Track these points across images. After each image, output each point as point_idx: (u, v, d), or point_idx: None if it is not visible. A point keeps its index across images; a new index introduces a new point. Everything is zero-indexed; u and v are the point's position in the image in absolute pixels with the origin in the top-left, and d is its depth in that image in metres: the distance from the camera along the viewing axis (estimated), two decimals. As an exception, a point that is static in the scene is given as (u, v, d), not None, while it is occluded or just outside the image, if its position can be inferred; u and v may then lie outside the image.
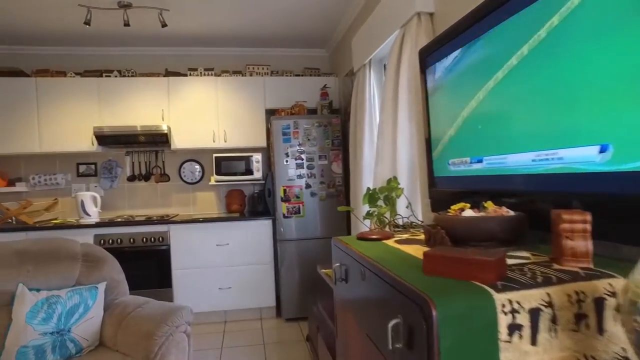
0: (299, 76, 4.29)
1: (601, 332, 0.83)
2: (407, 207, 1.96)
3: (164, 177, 4.29)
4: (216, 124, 4.02)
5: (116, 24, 3.46)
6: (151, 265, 3.65)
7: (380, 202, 2.31)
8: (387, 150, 2.42)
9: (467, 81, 1.52)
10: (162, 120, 3.95)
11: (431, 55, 1.82)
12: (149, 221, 3.69)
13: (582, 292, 0.83)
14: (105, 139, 3.76)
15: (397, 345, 0.89)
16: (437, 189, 1.89)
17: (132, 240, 3.61)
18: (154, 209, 4.30)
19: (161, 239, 3.65)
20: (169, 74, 4.09)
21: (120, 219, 3.77)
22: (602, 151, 0.99)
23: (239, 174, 4.00)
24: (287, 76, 4.27)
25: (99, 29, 3.67)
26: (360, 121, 3.03)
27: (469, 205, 1.29)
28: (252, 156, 4.01)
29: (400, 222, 2.04)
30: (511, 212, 1.16)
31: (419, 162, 2.10)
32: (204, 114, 4.01)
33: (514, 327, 0.79)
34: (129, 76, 4.05)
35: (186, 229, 3.69)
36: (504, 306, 0.79)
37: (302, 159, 3.74)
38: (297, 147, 3.73)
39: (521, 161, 1.28)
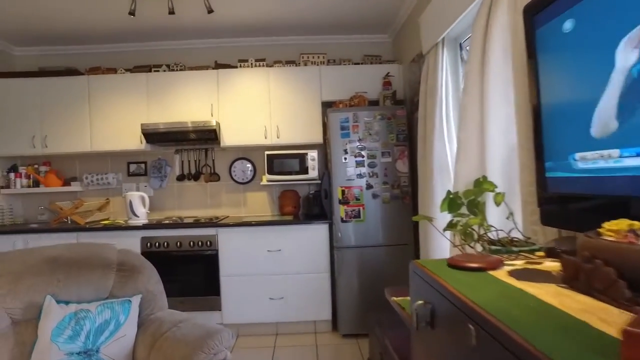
0: (358, 64, 3.86)
1: None
2: (508, 217, 1.48)
3: (214, 177, 4.05)
4: (268, 119, 3.70)
5: (162, 14, 3.23)
6: (198, 271, 3.40)
7: (463, 209, 1.84)
8: (472, 142, 1.93)
9: (611, 34, 1.01)
10: (211, 115, 3.69)
11: (545, 10, 1.32)
12: (197, 224, 3.44)
13: None
14: (153, 136, 3.57)
15: None
16: (551, 194, 1.38)
17: (179, 243, 3.39)
18: (204, 210, 4.07)
19: (209, 243, 3.39)
20: (218, 66, 3.83)
21: (168, 221, 3.56)
22: None
23: (293, 173, 3.65)
24: (345, 65, 3.86)
25: (145, 22, 3.50)
26: (431, 111, 2.54)
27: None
28: (307, 153, 3.65)
29: (493, 236, 1.57)
30: None
31: (520, 158, 1.60)
32: (255, 108, 3.71)
33: None
34: (177, 70, 3.85)
35: (235, 232, 3.40)
36: None
37: (363, 156, 3.30)
38: (357, 143, 3.31)
39: None
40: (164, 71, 3.80)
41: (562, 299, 0.76)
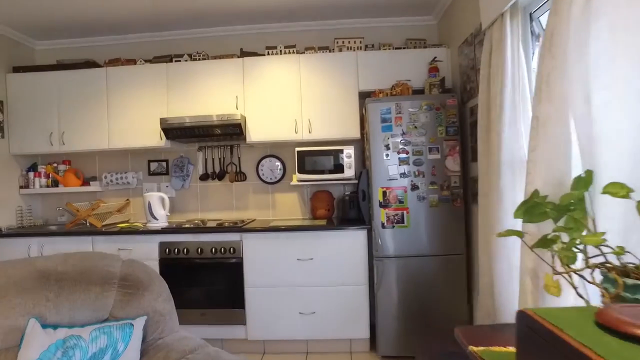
0: (399, 49, 3.41)
1: None
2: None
3: (240, 176, 3.70)
4: (299, 112, 3.32)
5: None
6: (221, 280, 3.05)
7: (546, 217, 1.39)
8: (558, 122, 1.46)
9: None
10: (236, 108, 3.35)
11: None
12: (219, 228, 3.10)
13: None
14: (172, 131, 3.25)
15: None
16: None
17: (199, 250, 3.05)
18: (228, 213, 3.74)
19: (232, 250, 3.03)
20: (243, 54, 3.48)
21: (189, 224, 3.23)
22: None
23: (327, 171, 3.24)
24: (385, 50, 3.42)
25: (167, 9, 3.21)
26: (496, 96, 2.07)
27: None
28: (342, 150, 3.23)
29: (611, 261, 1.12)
30: None
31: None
32: (284, 100, 3.33)
33: None
34: (200, 59, 3.53)
35: (262, 238, 3.03)
36: None
37: (407, 153, 2.86)
38: (401, 137, 2.87)
39: None
40: (186, 61, 3.49)
41: None
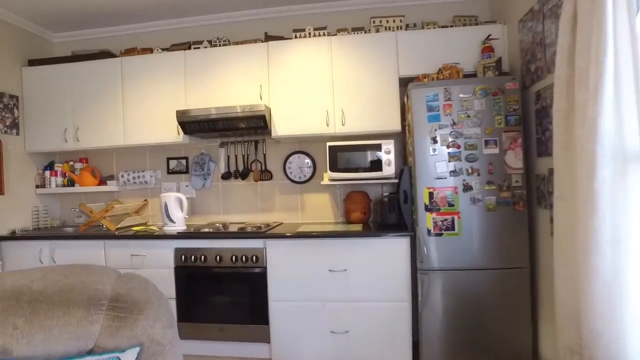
0: (446, 27, 2.95)
1: None
2: None
3: (265, 175, 3.35)
4: (330, 102, 2.93)
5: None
6: (242, 292, 2.71)
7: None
8: None
9: None
10: (260, 99, 2.99)
11: None
12: (240, 233, 2.75)
13: None
14: (189, 125, 2.93)
15: None
16: None
17: (218, 257, 2.71)
18: (253, 215, 3.39)
19: (255, 259, 2.68)
20: (268, 38, 3.12)
21: (208, 228, 2.90)
22: None
23: (362, 169, 2.84)
24: (429, 29, 2.97)
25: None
26: (586, 70, 1.59)
27: None
28: (380, 145, 2.82)
29: None
30: None
31: None
32: (314, 89, 2.95)
33: None
34: (220, 45, 3.19)
35: (288, 245, 2.66)
36: None
37: (458, 147, 2.41)
38: (450, 129, 2.42)
39: None
40: (205, 47, 3.16)
41: None
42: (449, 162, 2.41)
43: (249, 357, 2.74)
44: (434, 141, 2.43)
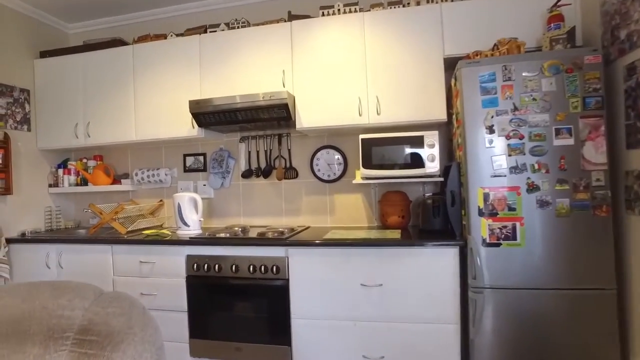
0: (501, -3, 2.49)
1: None
2: None
3: (290, 172, 2.99)
4: (363, 87, 2.53)
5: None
6: (261, 307, 2.36)
7: None
8: None
9: None
10: (283, 86, 2.64)
11: None
12: (258, 240, 2.39)
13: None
14: (203, 117, 2.61)
15: None
16: None
17: (234, 267, 2.38)
18: (277, 218, 3.04)
19: (275, 269, 2.32)
20: (292, 17, 2.75)
21: (225, 233, 2.56)
22: None
23: (401, 166, 2.42)
24: (480, -1, 2.52)
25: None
26: None
27: None
28: (422, 137, 2.39)
29: None
30: None
31: None
32: (344, 73, 2.56)
33: None
34: (239, 27, 2.86)
35: (313, 255, 2.29)
36: None
37: (521, 137, 1.95)
38: (511, 115, 1.97)
39: None
40: (222, 30, 2.84)
41: None
42: (509, 156, 1.96)
43: (268, 381, 2.39)
44: (490, 131, 1.98)
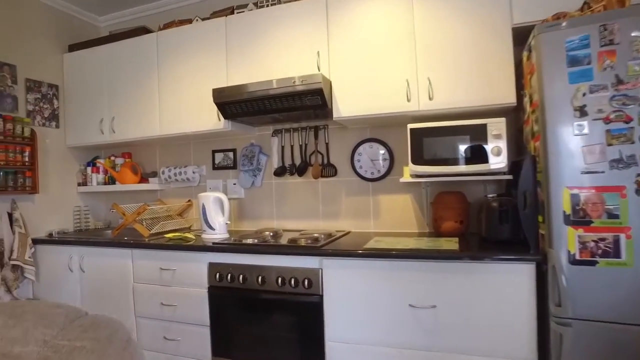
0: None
1: None
2: None
3: (328, 170, 2.64)
4: (412, 68, 2.12)
5: None
6: (291, 326, 2.02)
7: None
8: None
9: None
10: (318, 69, 2.29)
11: None
12: (287, 248, 2.04)
13: None
14: (229, 107, 2.31)
15: None
16: None
17: (260, 279, 2.06)
18: (313, 222, 2.70)
19: (307, 283, 1.98)
20: (329, -10, 2.40)
21: (252, 239, 2.24)
22: None
23: (459, 161, 1.99)
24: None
25: None
26: None
27: None
28: (485, 125, 1.95)
29: None
30: None
31: None
32: (389, 52, 2.17)
33: None
34: (268, 5, 2.54)
35: (352, 267, 1.92)
36: None
37: (629, 120, 1.47)
38: (612, 91, 1.48)
39: None
40: (250, 10, 2.54)
41: None
42: (610, 145, 1.48)
43: (299, 413, 2.05)
44: (581, 113, 1.52)
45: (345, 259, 1.92)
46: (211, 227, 2.43)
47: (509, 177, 1.95)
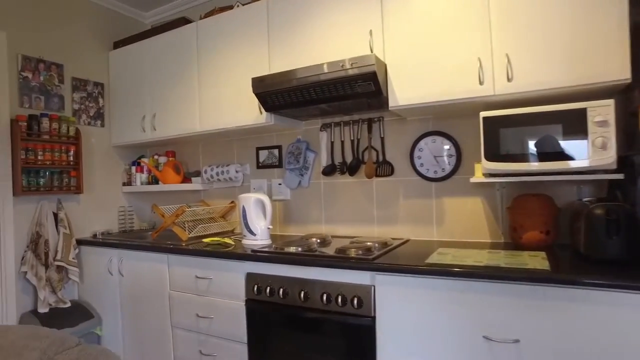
0: None
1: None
2: None
3: (384, 168, 2.30)
4: (486, 43, 1.73)
5: None
6: (338, 351, 1.71)
7: None
8: None
9: None
10: (371, 50, 1.96)
11: None
12: (333, 260, 1.73)
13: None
14: (270, 98, 2.06)
15: None
16: None
17: (303, 294, 1.77)
18: (367, 227, 2.38)
19: (357, 302, 1.66)
20: (384, -42, 2.06)
21: (294, 247, 1.97)
22: None
23: (545, 156, 1.58)
24: None
25: None
26: None
27: None
28: (584, 110, 1.53)
29: None
30: None
31: None
32: (456, 26, 1.80)
33: None
34: (314, -19, 2.26)
35: (411, 286, 1.58)
36: None
37: None
38: None
39: None
40: (295, -11, 2.27)
41: None
42: None
43: None
44: None
45: (402, 275, 1.59)
46: (252, 232, 2.19)
47: (619, 176, 1.51)
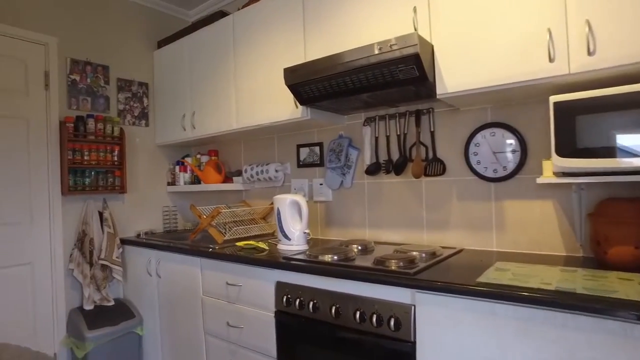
0: None
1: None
2: None
3: (434, 167, 2.02)
4: (558, 11, 1.40)
5: None
6: (373, 382, 1.48)
7: None
8: None
9: None
10: (414, 29, 1.70)
11: None
12: (366, 272, 1.49)
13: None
14: (303, 90, 1.86)
15: None
16: None
17: (335, 310, 1.56)
18: (415, 233, 2.11)
19: (395, 324, 1.41)
20: None
21: (330, 255, 1.76)
22: None
23: (635, 151, 1.24)
24: None
25: None
26: None
27: None
28: (696, 85, 1.16)
29: None
30: None
31: None
32: (518, -7, 1.49)
33: None
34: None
35: (461, 309, 1.30)
36: None
37: None
38: None
39: None
40: (332, -32, 2.06)
41: None
42: None
43: None
44: None
45: (447, 295, 1.32)
46: (287, 236, 2.02)
47: None
